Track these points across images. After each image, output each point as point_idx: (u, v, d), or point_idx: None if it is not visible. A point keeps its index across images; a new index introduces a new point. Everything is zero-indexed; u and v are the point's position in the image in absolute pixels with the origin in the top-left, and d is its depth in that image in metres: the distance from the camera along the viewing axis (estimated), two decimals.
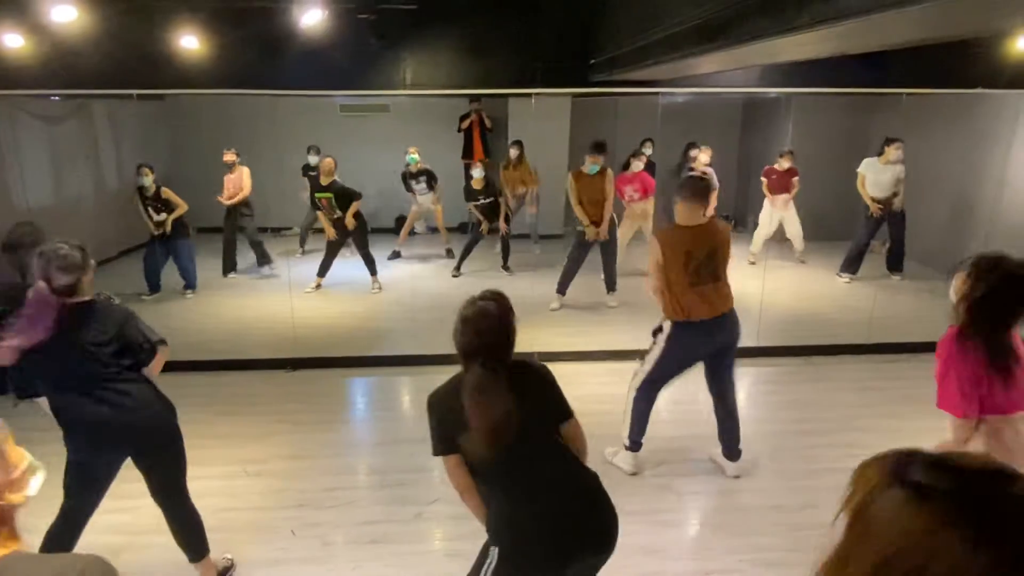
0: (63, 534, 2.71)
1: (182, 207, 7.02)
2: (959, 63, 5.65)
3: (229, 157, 7.61)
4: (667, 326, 3.67)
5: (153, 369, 2.77)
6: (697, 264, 3.48)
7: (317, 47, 5.13)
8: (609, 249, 6.72)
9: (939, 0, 1.56)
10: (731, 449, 3.85)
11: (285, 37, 5.06)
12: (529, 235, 8.83)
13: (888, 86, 6.25)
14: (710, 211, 8.06)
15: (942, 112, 7.91)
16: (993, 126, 7.38)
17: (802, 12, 2.06)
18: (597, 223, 6.43)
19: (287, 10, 4.68)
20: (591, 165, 6.33)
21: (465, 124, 9.51)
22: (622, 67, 4.84)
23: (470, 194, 7.80)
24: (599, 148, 6.35)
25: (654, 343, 3.76)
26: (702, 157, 8.04)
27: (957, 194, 7.90)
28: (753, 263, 8.23)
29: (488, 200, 7.77)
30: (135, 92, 5.94)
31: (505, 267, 8.04)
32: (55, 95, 7.01)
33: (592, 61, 5.85)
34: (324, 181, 7.00)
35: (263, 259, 8.04)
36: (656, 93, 6.26)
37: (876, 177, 7.34)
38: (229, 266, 8.01)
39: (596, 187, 6.36)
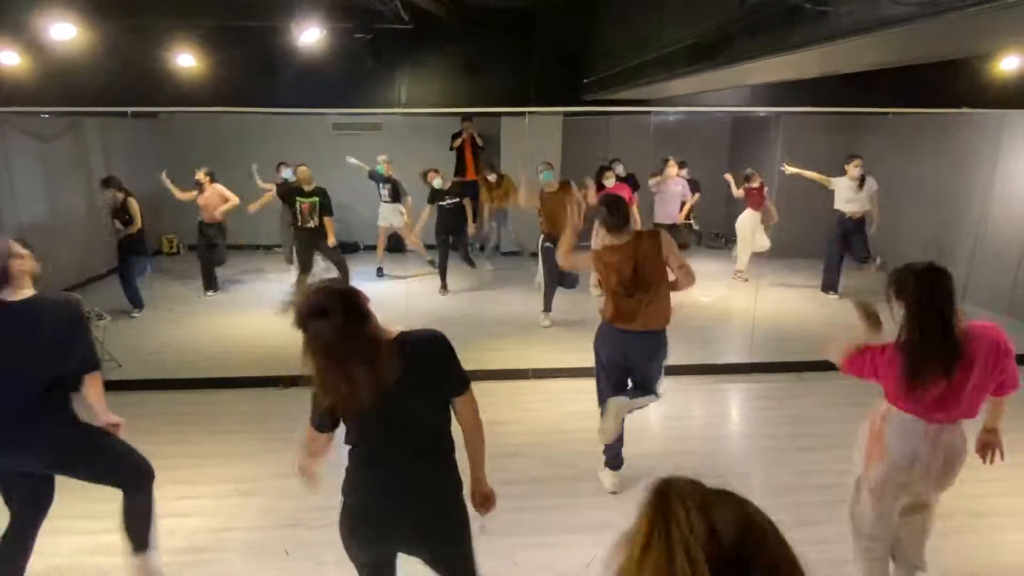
0: (8, 544, 2.72)
1: (138, 223, 6.95)
2: (943, 83, 5.75)
3: (202, 175, 7.62)
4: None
5: None
6: (626, 278, 3.58)
7: (313, 66, 5.15)
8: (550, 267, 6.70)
9: (927, 21, 1.60)
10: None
11: (281, 56, 5.09)
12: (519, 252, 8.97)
13: (874, 106, 6.34)
14: (672, 218, 8.23)
15: (927, 130, 8.04)
16: (977, 144, 7.51)
17: (793, 33, 2.11)
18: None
19: (284, 30, 4.71)
20: (546, 171, 6.51)
21: (457, 143, 9.60)
22: (614, 86, 4.90)
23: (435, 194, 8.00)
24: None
25: None
26: (670, 170, 8.24)
27: (943, 211, 8.01)
28: (746, 280, 8.30)
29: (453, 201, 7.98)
30: (128, 110, 5.93)
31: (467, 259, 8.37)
32: (48, 112, 7.00)
33: (584, 80, 5.91)
34: (307, 188, 7.24)
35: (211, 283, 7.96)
36: (647, 112, 6.32)
37: (847, 194, 7.55)
38: (210, 284, 7.96)
39: (558, 201, 6.36)
